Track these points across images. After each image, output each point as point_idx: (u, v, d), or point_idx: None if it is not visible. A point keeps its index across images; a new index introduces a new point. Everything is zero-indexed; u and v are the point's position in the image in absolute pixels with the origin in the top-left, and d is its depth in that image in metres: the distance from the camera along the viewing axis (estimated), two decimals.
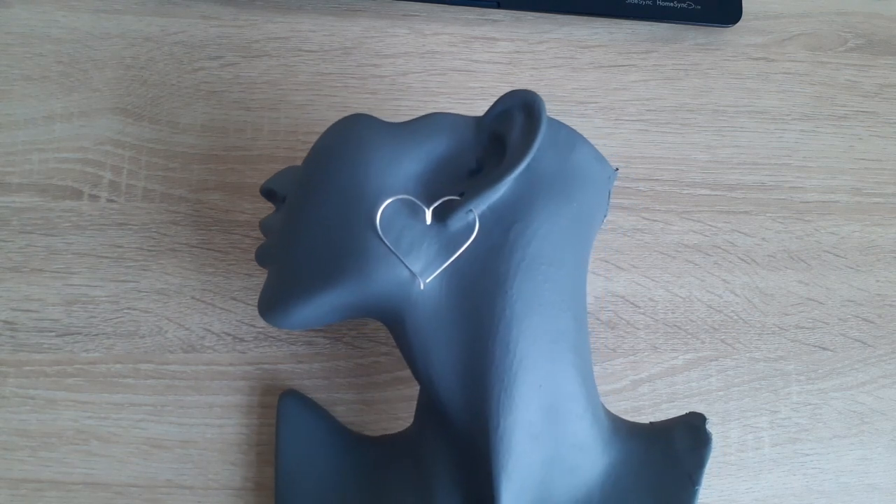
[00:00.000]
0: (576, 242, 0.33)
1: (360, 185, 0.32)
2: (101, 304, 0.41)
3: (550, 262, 0.32)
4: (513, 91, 0.32)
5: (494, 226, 0.32)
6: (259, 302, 0.35)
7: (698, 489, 0.32)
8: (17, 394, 0.40)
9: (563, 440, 0.31)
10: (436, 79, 0.46)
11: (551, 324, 0.31)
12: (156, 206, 0.43)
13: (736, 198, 0.47)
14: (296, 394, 0.40)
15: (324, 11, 0.47)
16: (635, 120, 0.47)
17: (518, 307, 0.31)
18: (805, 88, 0.49)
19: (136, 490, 0.39)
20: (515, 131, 0.31)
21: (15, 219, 0.42)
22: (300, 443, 0.37)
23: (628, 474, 0.33)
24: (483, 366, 0.31)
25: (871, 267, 0.47)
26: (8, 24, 0.45)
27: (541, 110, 0.31)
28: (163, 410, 0.40)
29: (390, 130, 0.34)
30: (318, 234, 0.32)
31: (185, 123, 0.44)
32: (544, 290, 0.31)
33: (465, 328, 0.31)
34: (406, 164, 0.32)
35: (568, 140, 0.34)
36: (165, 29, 0.45)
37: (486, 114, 0.33)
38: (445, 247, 0.32)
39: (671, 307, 0.45)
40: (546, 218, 0.32)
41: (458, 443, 0.32)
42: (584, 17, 0.48)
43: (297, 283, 0.33)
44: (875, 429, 0.44)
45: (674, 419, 0.35)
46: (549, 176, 0.33)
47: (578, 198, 0.33)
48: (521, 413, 0.30)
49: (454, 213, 0.31)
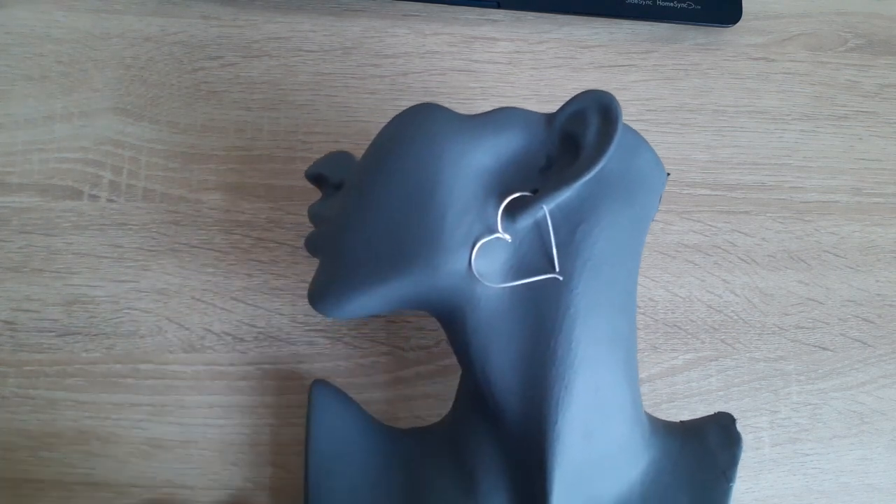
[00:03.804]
0: (634, 245, 0.34)
1: (433, 177, 0.32)
2: (101, 304, 0.41)
3: (613, 263, 0.32)
4: (588, 91, 0.32)
5: (561, 224, 0.32)
6: (312, 290, 0.34)
7: (732, 486, 0.33)
8: (17, 394, 0.40)
9: (612, 440, 0.32)
10: (436, 79, 0.46)
11: (610, 325, 0.32)
12: (156, 206, 0.43)
13: (736, 198, 0.47)
14: (327, 383, 0.39)
15: (324, 11, 0.47)
16: (635, 120, 0.47)
17: (582, 306, 0.31)
18: (805, 88, 0.49)
19: (136, 490, 0.39)
20: (591, 132, 0.31)
21: (15, 219, 0.42)
22: (334, 433, 0.36)
23: (666, 471, 0.34)
24: (544, 363, 0.31)
25: (871, 267, 0.47)
26: (8, 24, 0.45)
27: (618, 113, 0.31)
28: (163, 410, 0.40)
29: (462, 122, 0.33)
30: (385, 223, 0.32)
31: (185, 123, 0.44)
32: (606, 291, 0.32)
33: (527, 325, 0.32)
34: (479, 156, 0.32)
35: (633, 143, 0.34)
36: (165, 29, 0.45)
37: (559, 112, 0.33)
38: (514, 244, 0.32)
39: (671, 307, 0.45)
40: (611, 219, 0.32)
41: (507, 438, 0.32)
42: (584, 17, 0.48)
43: (359, 272, 0.32)
44: (875, 429, 0.44)
45: (704, 418, 0.36)
46: (615, 178, 0.33)
47: (639, 201, 0.34)
48: (577, 412, 0.31)
49: (526, 210, 0.31)
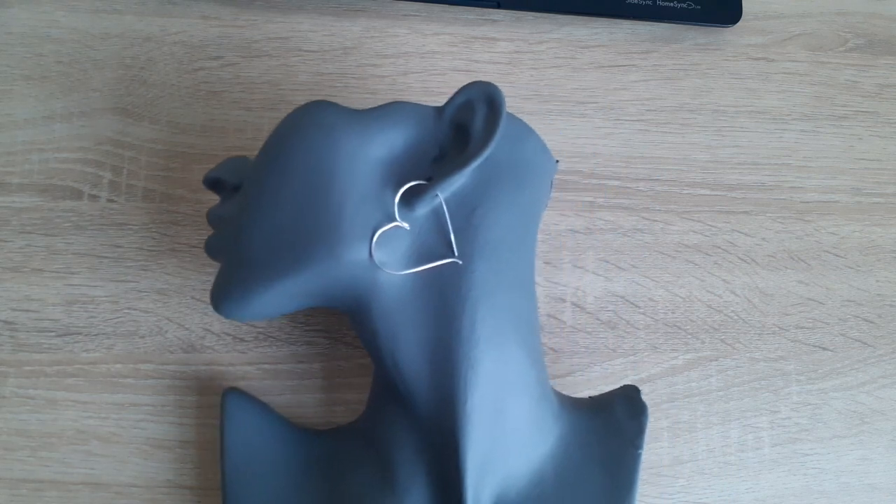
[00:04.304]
0: (528, 228, 0.35)
1: (330, 169, 0.32)
2: (101, 304, 0.41)
3: (509, 245, 0.34)
4: (474, 82, 0.33)
5: (457, 211, 0.33)
6: (213, 293, 0.35)
7: (640, 453, 0.34)
8: (17, 394, 0.40)
9: (520, 417, 0.33)
10: (436, 79, 0.46)
11: (511, 305, 0.33)
12: (156, 206, 0.43)
13: (736, 198, 0.47)
14: (239, 391, 0.38)
15: (324, 11, 0.47)
16: (635, 120, 0.47)
17: (483, 288, 0.33)
18: (805, 88, 0.49)
19: (136, 490, 0.39)
20: (478, 121, 0.33)
21: (15, 219, 0.42)
22: (249, 441, 0.36)
23: (576, 445, 0.35)
24: (450, 344, 0.32)
25: (871, 267, 0.47)
26: (8, 24, 0.45)
27: (501, 102, 0.32)
28: (163, 410, 0.40)
29: (355, 116, 0.34)
30: (284, 218, 0.32)
31: (185, 123, 0.44)
32: (505, 273, 0.33)
33: (431, 309, 0.33)
34: (373, 148, 0.33)
35: (520, 132, 0.36)
36: (165, 29, 0.45)
37: (448, 104, 0.34)
38: (413, 232, 0.33)
39: (671, 307, 0.45)
40: (504, 204, 0.34)
41: (420, 425, 0.33)
42: (584, 17, 0.48)
43: (259, 269, 0.33)
44: (875, 429, 0.44)
45: (611, 392, 0.38)
46: (504, 165, 0.35)
47: (529, 186, 0.35)
48: (485, 390, 0.32)
49: (422, 197, 0.32)
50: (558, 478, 0.34)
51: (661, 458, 0.43)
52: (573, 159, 0.46)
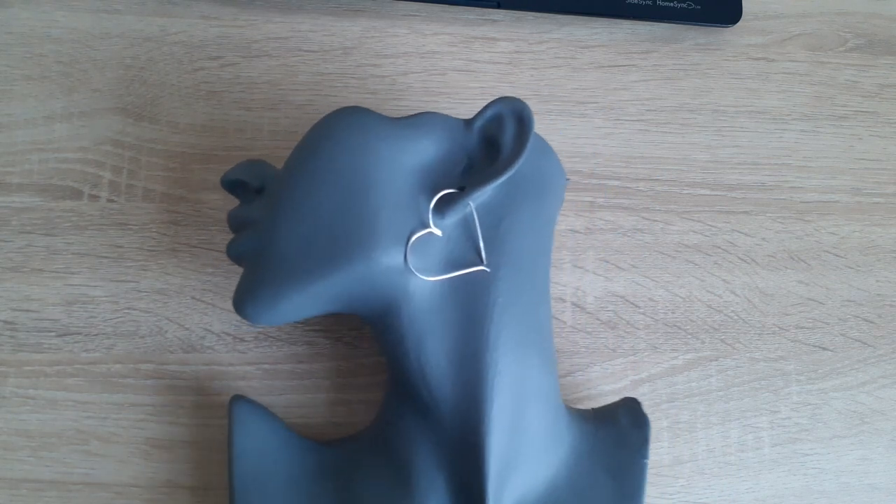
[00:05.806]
0: (548, 238, 0.36)
1: (370, 173, 0.33)
2: (101, 304, 0.41)
3: (531, 255, 0.35)
4: (503, 98, 0.34)
5: (485, 220, 0.34)
6: (238, 297, 0.34)
7: (646, 462, 0.35)
8: (17, 394, 0.40)
9: (539, 424, 0.34)
10: (436, 79, 0.46)
11: (533, 314, 0.34)
12: (156, 206, 0.43)
13: (736, 198, 0.47)
14: (246, 398, 0.38)
15: (324, 11, 0.47)
16: (635, 120, 0.47)
17: (508, 296, 0.33)
18: (805, 88, 0.49)
19: (135, 490, 0.39)
20: (507, 135, 0.34)
21: (15, 219, 0.42)
22: (258, 448, 0.36)
23: (585, 454, 0.36)
24: (477, 350, 0.33)
25: (871, 267, 0.47)
26: (8, 24, 0.45)
27: (531, 118, 0.34)
28: (163, 410, 0.40)
29: (390, 124, 0.35)
30: (320, 220, 0.32)
31: (185, 123, 0.44)
32: (528, 282, 0.34)
33: (459, 316, 0.33)
34: (408, 157, 0.34)
35: (542, 147, 0.37)
36: (165, 29, 0.45)
37: (477, 117, 0.35)
38: (444, 239, 0.34)
39: (671, 307, 0.45)
40: (528, 214, 0.35)
41: (441, 432, 0.33)
42: (584, 17, 0.48)
43: (292, 271, 0.32)
44: (875, 429, 0.44)
45: (612, 404, 0.39)
46: (528, 177, 0.36)
47: (548, 198, 0.37)
48: (509, 396, 0.33)
49: (454, 206, 0.33)
50: (571, 485, 0.34)
51: (661, 458, 0.43)
52: (573, 159, 0.46)
